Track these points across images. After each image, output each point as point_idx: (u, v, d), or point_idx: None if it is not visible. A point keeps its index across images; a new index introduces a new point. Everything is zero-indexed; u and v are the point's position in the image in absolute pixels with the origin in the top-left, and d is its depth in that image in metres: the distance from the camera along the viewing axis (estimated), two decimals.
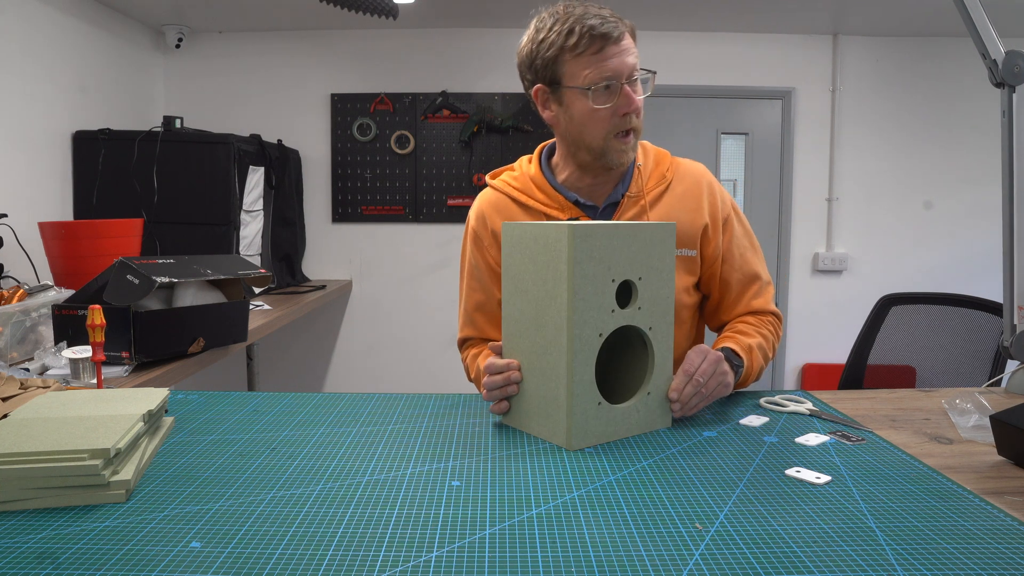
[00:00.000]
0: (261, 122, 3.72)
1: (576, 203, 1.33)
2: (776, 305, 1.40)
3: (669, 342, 1.07)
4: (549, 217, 1.33)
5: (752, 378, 1.28)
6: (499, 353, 1.11)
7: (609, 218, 1.33)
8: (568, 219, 1.30)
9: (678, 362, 1.20)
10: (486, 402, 1.12)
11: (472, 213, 1.42)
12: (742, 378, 1.25)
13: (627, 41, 1.22)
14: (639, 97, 1.24)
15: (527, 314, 1.03)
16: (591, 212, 1.34)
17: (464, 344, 1.46)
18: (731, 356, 1.21)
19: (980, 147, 3.85)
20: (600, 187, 1.34)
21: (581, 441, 1.00)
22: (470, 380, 1.43)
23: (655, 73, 1.27)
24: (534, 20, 1.27)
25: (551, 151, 1.40)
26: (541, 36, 1.24)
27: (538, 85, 1.29)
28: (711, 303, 1.40)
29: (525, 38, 1.29)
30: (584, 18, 1.19)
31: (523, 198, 1.35)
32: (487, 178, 1.44)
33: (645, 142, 1.40)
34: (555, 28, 1.21)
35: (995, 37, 1.18)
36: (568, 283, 0.96)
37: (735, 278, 1.35)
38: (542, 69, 1.26)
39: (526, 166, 1.40)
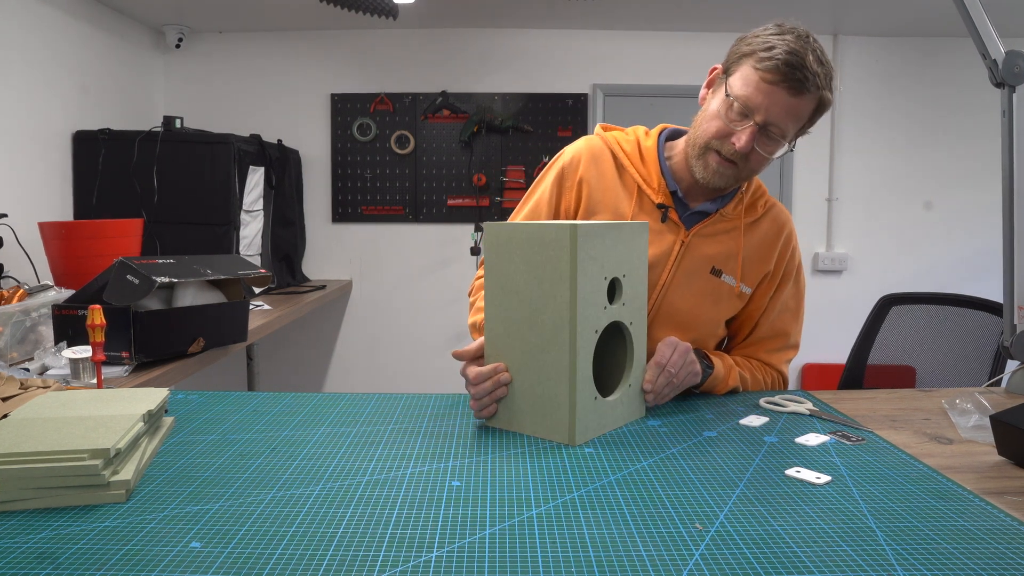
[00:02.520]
0: (261, 122, 3.72)
1: (674, 193, 1.31)
2: None
3: (644, 336, 1.13)
4: (640, 191, 1.30)
5: (723, 392, 1.27)
6: (475, 357, 1.10)
7: (695, 223, 1.31)
8: (657, 204, 1.29)
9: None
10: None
11: (568, 152, 1.36)
12: (711, 385, 1.25)
13: (801, 102, 1.16)
14: (760, 150, 1.19)
15: (517, 314, 1.04)
16: (681, 208, 1.31)
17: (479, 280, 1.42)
18: (700, 356, 1.24)
19: (980, 147, 3.85)
20: (696, 190, 1.31)
21: (583, 436, 1.02)
22: (471, 324, 1.38)
23: (790, 147, 1.22)
24: (775, 22, 1.24)
25: (672, 134, 1.37)
26: (759, 35, 1.21)
27: (718, 66, 1.27)
28: (732, 341, 1.41)
29: (757, 27, 1.26)
30: (792, 53, 1.14)
31: (625, 160, 1.32)
32: (599, 128, 1.40)
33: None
34: (771, 37, 1.18)
35: (995, 37, 1.18)
36: (571, 281, 0.97)
37: (764, 328, 1.36)
38: (732, 55, 1.24)
39: (641, 135, 1.37)
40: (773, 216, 1.35)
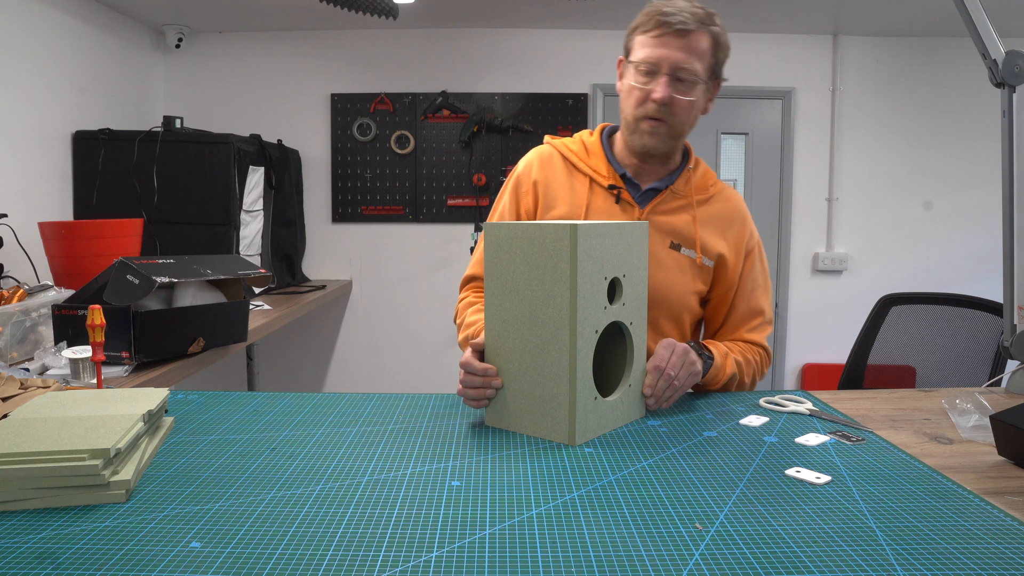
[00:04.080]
0: (261, 122, 3.72)
1: (623, 176, 1.38)
2: (776, 305, 1.44)
3: (644, 336, 1.13)
4: (593, 181, 1.38)
5: (722, 380, 1.30)
6: (481, 351, 1.11)
7: (648, 202, 1.38)
8: (608, 187, 1.37)
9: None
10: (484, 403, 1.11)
11: (521, 163, 1.47)
12: (712, 376, 1.28)
13: (694, 42, 1.25)
14: (680, 96, 1.27)
15: (517, 314, 1.04)
16: (633, 190, 1.39)
17: (467, 283, 1.48)
18: (699, 349, 1.27)
19: (980, 147, 3.84)
20: (645, 171, 1.39)
21: (583, 436, 1.02)
22: (455, 322, 1.45)
23: (711, 82, 1.31)
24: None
25: (612, 130, 1.47)
26: (640, 13, 1.31)
27: (621, 57, 1.36)
28: (711, 327, 1.45)
29: None
30: (666, 5, 1.26)
31: (573, 158, 1.42)
32: (547, 138, 1.50)
33: (699, 158, 1.45)
34: (647, 8, 1.29)
35: (995, 37, 1.19)
36: (571, 282, 0.97)
37: (741, 308, 1.41)
38: (626, 40, 1.34)
39: (585, 135, 1.47)
40: (725, 196, 1.43)
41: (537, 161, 1.44)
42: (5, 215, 2.35)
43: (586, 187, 1.38)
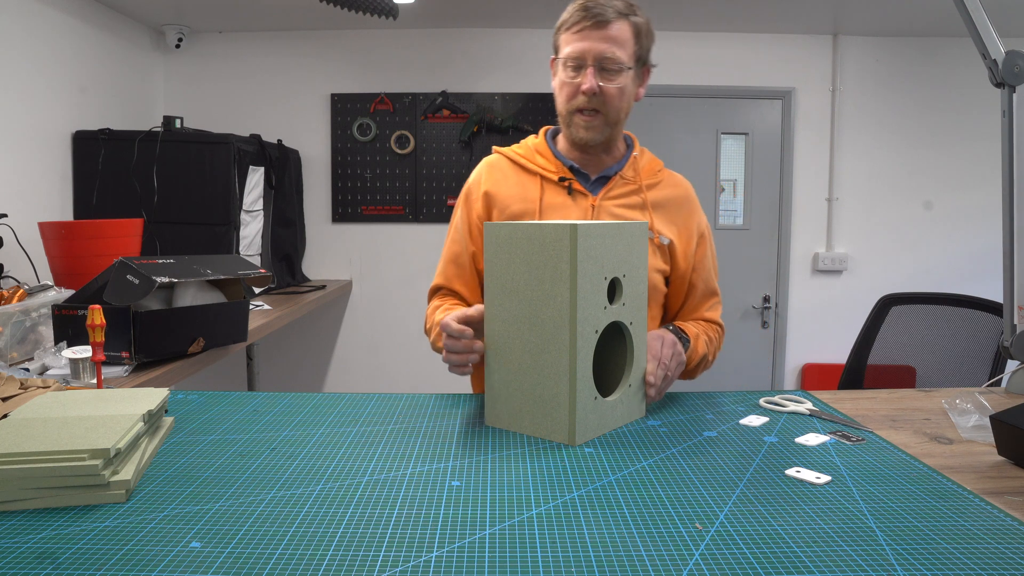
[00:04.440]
0: (261, 122, 3.72)
1: (572, 168, 1.43)
2: (776, 305, 1.46)
3: (644, 336, 1.13)
4: (544, 178, 1.42)
5: (695, 360, 1.36)
6: (464, 320, 1.11)
7: (599, 189, 1.43)
8: (558, 180, 1.42)
9: None
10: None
11: (471, 176, 1.50)
12: (689, 356, 1.34)
13: (614, 31, 1.31)
14: (608, 84, 1.32)
15: (517, 314, 1.04)
16: (583, 179, 1.44)
17: (434, 293, 1.51)
18: (679, 333, 1.34)
19: (980, 147, 3.84)
20: (591, 162, 1.44)
21: (583, 436, 1.02)
22: (425, 331, 1.47)
23: (631, 69, 1.35)
24: None
25: (557, 131, 1.51)
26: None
27: (552, 56, 1.41)
28: (671, 310, 1.50)
29: None
30: (583, 2, 1.31)
31: (523, 161, 1.46)
32: (494, 148, 1.54)
33: (644, 148, 1.50)
34: (570, 5, 1.35)
35: (995, 37, 1.18)
36: (571, 282, 0.97)
37: (700, 289, 1.47)
38: (553, 40, 1.39)
39: (530, 139, 1.52)
40: (674, 182, 1.49)
41: (486, 170, 1.48)
42: (5, 215, 2.35)
43: (537, 185, 1.42)
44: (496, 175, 1.46)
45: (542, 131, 1.52)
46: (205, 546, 0.71)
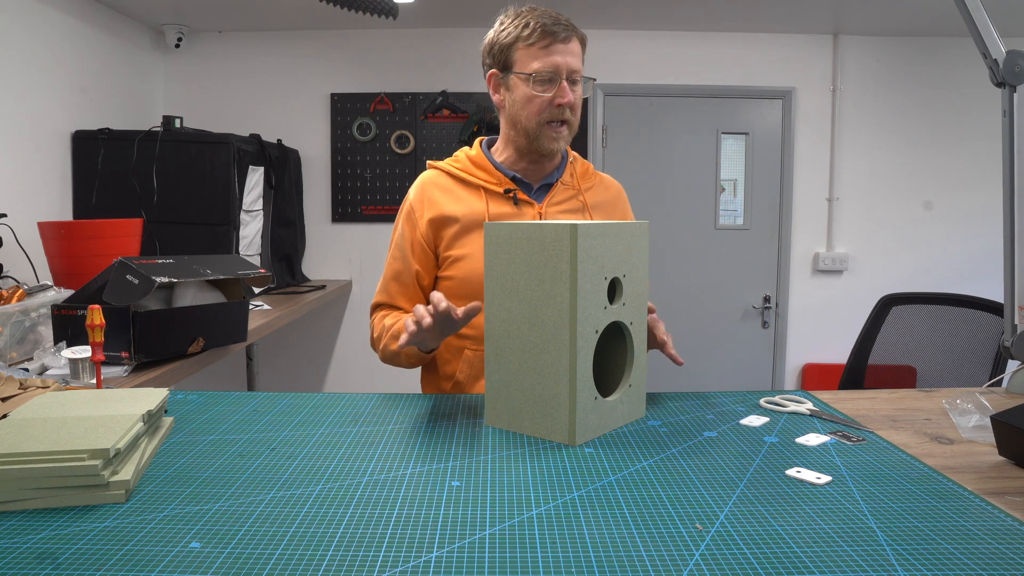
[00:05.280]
0: (261, 122, 3.72)
1: (514, 179, 1.47)
2: (776, 305, 1.49)
3: (644, 336, 1.13)
4: (487, 190, 1.45)
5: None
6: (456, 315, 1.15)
7: (542, 197, 1.48)
8: (504, 191, 1.45)
9: None
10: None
11: (410, 194, 1.50)
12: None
13: (574, 45, 1.38)
14: (574, 97, 1.39)
15: (517, 314, 1.04)
16: (526, 189, 1.48)
17: (375, 310, 1.53)
18: None
19: (980, 147, 3.84)
20: (534, 171, 1.49)
21: (583, 436, 1.02)
22: (371, 342, 1.50)
23: (594, 80, 1.45)
24: (500, 15, 1.44)
25: (491, 142, 1.55)
26: (503, 27, 1.41)
27: (493, 70, 1.44)
28: None
29: (491, 29, 1.45)
30: (541, 17, 1.37)
31: (463, 175, 1.48)
32: (428, 163, 1.55)
33: (576, 152, 1.57)
34: (515, 21, 1.39)
35: (996, 37, 1.18)
36: (571, 282, 0.97)
37: None
38: (498, 55, 1.42)
39: (465, 150, 1.53)
40: (606, 184, 1.56)
41: (428, 186, 1.48)
42: (5, 215, 2.35)
43: (481, 197, 1.45)
44: (437, 191, 1.47)
45: (477, 142, 1.53)
46: (205, 546, 0.71)
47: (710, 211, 3.89)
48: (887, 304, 2.05)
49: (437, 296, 1.14)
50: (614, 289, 1.07)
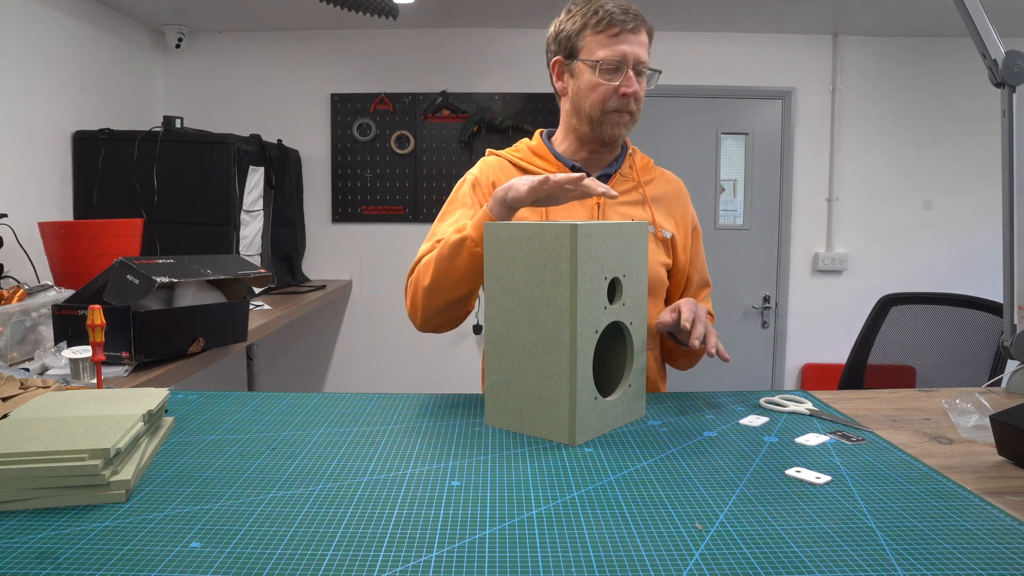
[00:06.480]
0: (261, 122, 3.72)
1: (573, 168, 1.46)
2: (776, 305, 1.48)
3: (644, 336, 1.13)
4: None
5: (711, 321, 1.42)
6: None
7: None
8: (571, 167, 1.45)
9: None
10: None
11: (473, 171, 1.48)
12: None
13: (643, 36, 1.37)
14: (640, 88, 1.37)
15: (517, 314, 1.04)
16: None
17: (413, 271, 1.36)
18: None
19: (980, 147, 3.84)
20: (594, 161, 1.48)
21: (583, 436, 1.02)
22: (410, 294, 1.33)
23: (660, 72, 1.41)
24: (568, 3, 1.42)
25: (551, 133, 1.55)
26: (570, 15, 1.39)
27: (557, 57, 1.43)
28: (671, 299, 1.54)
29: (555, 19, 1.44)
30: (610, 5, 1.35)
31: (523, 163, 1.47)
32: (488, 151, 1.54)
33: (635, 146, 1.55)
34: (583, 9, 1.37)
35: (995, 37, 1.18)
36: (571, 282, 0.97)
37: (696, 280, 1.55)
38: (564, 41, 1.40)
39: (526, 141, 1.53)
40: (667, 178, 1.54)
41: (493, 167, 1.47)
42: (5, 215, 2.35)
43: None
44: (502, 175, 1.45)
45: (537, 133, 1.54)
46: (205, 546, 0.71)
47: (710, 211, 3.89)
48: (887, 304, 2.05)
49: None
50: (614, 289, 1.07)
